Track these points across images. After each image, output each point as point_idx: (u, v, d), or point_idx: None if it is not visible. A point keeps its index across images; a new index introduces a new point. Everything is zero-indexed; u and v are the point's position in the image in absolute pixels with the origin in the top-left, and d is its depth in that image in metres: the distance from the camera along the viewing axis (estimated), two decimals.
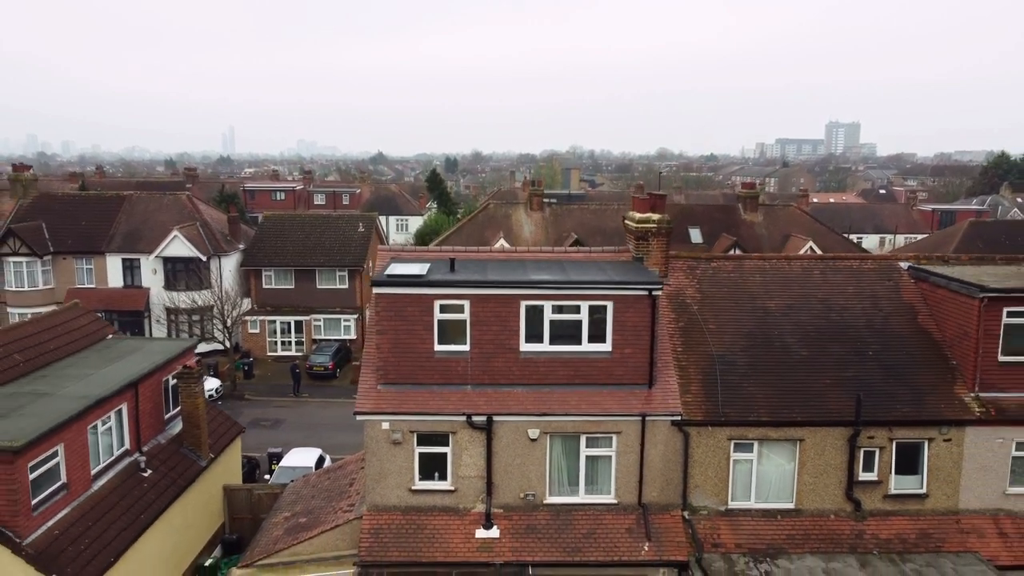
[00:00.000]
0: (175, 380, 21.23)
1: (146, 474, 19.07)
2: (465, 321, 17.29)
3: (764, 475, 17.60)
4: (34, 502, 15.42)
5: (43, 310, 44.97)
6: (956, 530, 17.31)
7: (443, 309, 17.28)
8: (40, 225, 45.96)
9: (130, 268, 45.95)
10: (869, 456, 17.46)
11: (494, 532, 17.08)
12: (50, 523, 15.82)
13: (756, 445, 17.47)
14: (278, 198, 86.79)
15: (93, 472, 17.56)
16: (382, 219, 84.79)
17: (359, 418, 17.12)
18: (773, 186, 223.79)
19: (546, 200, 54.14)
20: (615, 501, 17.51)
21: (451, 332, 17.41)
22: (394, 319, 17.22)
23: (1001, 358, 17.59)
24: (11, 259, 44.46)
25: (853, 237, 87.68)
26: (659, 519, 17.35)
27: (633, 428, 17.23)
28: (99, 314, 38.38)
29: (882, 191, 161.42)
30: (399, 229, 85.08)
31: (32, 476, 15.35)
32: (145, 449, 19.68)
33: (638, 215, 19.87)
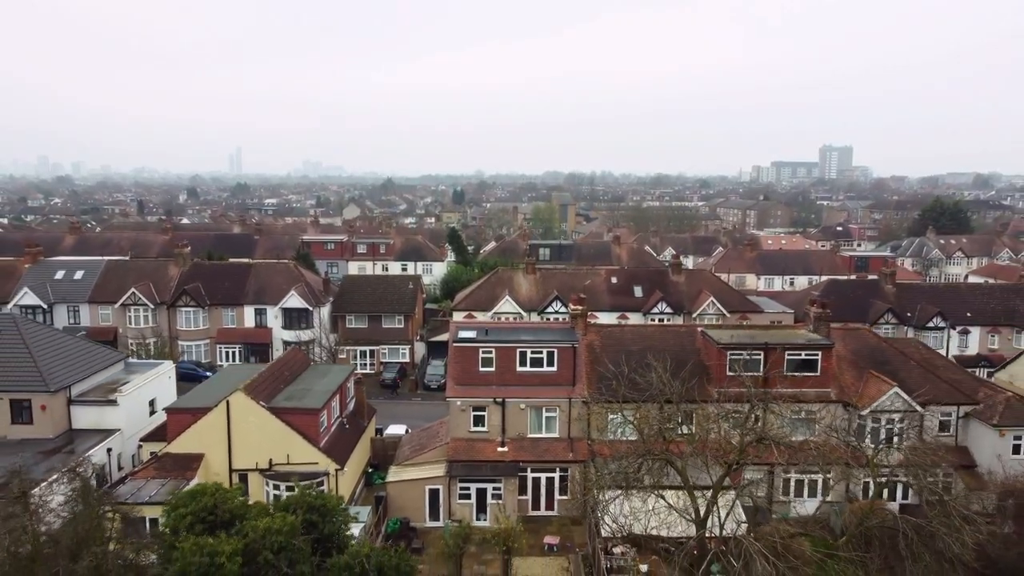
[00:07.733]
0: (351, 384, 43.93)
1: (346, 427, 41.68)
2: (493, 357, 39.94)
3: (622, 424, 39.96)
4: (321, 431, 37.97)
5: (202, 343, 68.16)
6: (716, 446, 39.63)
7: (483, 352, 39.94)
8: (198, 286, 68.81)
9: (259, 314, 68.71)
10: (671, 418, 39.75)
11: (505, 449, 39.59)
12: (323, 442, 38.33)
13: (620, 413, 39.84)
14: (329, 248, 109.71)
15: (332, 423, 40.11)
16: (410, 265, 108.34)
17: (448, 399, 39.74)
18: (753, 218, 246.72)
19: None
20: (558, 436, 40.04)
21: (486, 362, 40.02)
22: (461, 357, 39.90)
23: (728, 373, 40.06)
24: (183, 308, 67.34)
25: (787, 278, 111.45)
26: (576, 444, 39.85)
27: (565, 404, 39.79)
28: (240, 346, 62.25)
29: (839, 227, 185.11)
30: (425, 273, 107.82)
31: (320, 420, 37.91)
32: (344, 415, 42.28)
33: (572, 305, 42.71)
